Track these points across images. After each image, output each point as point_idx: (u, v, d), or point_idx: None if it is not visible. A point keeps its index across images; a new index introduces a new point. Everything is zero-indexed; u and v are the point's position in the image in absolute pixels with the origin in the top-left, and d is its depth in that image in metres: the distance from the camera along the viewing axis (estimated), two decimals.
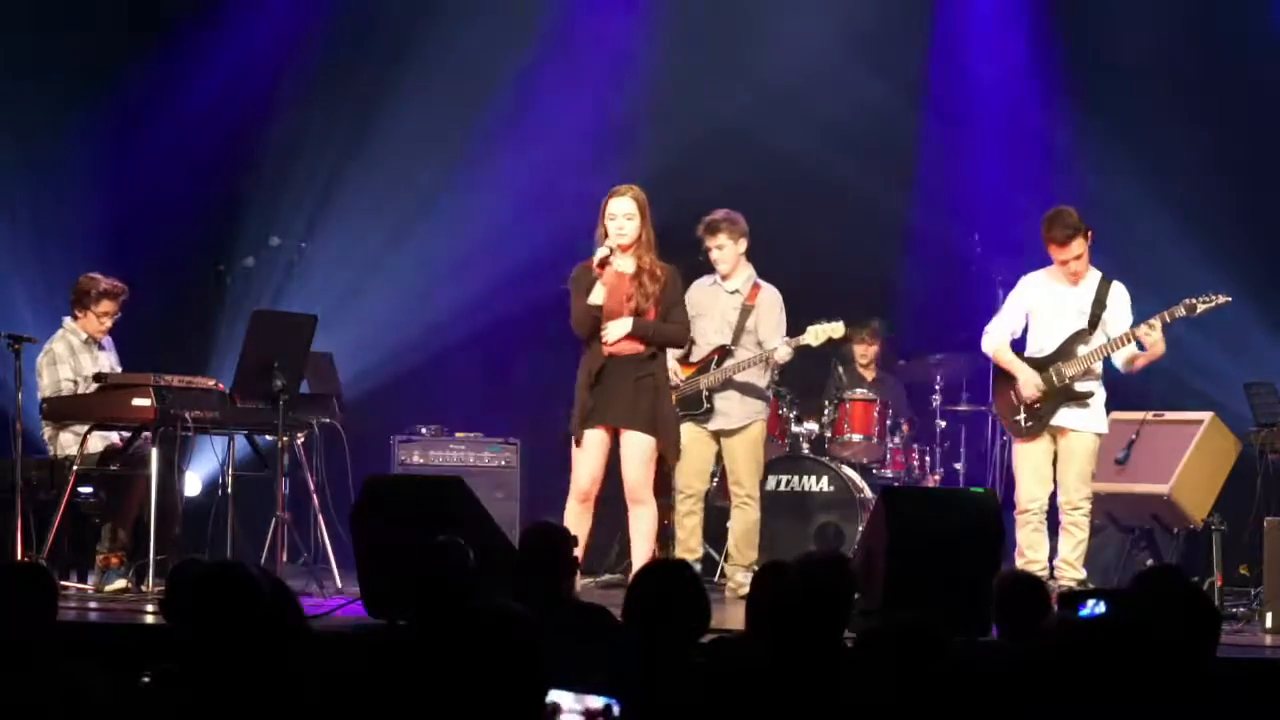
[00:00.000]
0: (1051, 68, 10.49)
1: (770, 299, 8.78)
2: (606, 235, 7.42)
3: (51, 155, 10.27)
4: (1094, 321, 7.93)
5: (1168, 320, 7.77)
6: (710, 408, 8.63)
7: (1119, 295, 7.98)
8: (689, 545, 8.66)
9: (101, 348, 8.58)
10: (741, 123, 10.41)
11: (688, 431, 8.37)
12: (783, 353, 8.66)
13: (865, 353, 10.21)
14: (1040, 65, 10.53)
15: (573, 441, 7.56)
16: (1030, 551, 7.91)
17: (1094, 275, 8.02)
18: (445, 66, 10.52)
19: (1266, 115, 9.96)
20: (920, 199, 10.47)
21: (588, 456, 7.46)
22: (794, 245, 10.31)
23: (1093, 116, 10.29)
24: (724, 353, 8.70)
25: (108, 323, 8.52)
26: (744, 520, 8.67)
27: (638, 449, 7.42)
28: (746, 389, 8.68)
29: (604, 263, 7.40)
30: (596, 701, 3.36)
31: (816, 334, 8.69)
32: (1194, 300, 7.77)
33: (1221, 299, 7.78)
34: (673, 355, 8.39)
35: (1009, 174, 10.17)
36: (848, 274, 10.28)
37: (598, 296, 7.40)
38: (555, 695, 3.23)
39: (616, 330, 7.39)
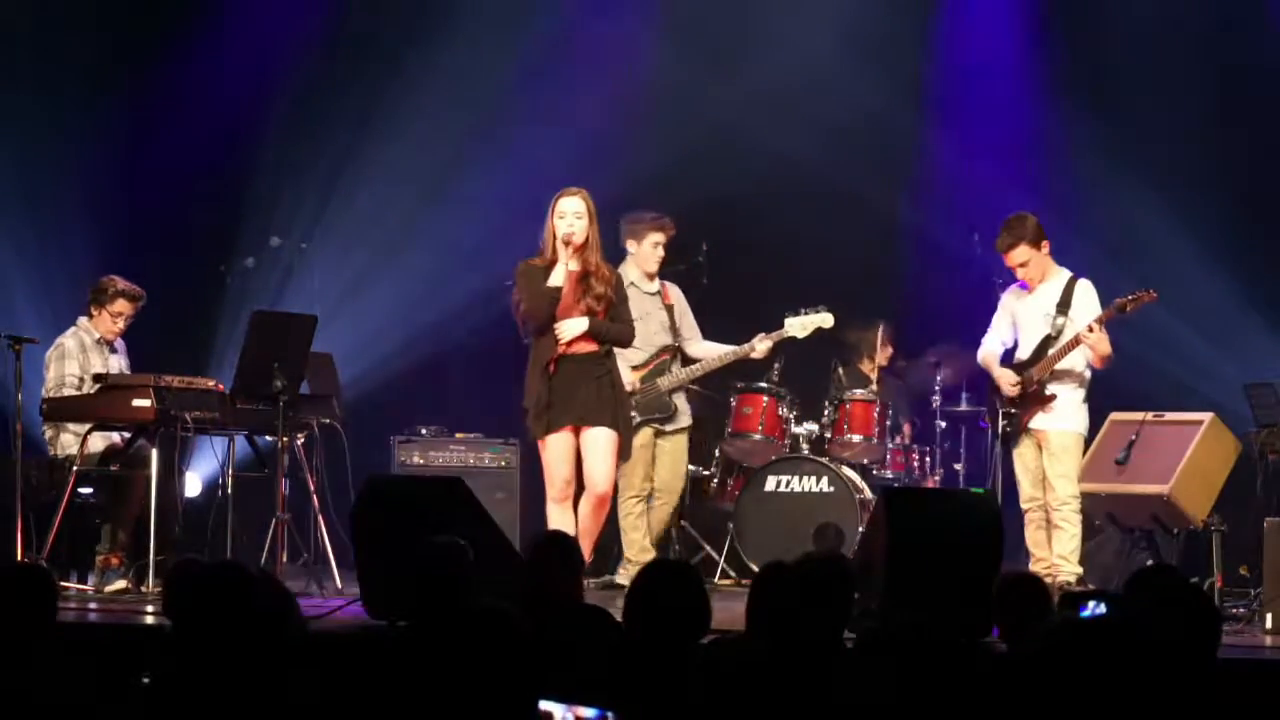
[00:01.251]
0: (1051, 68, 10.49)
1: (682, 297, 8.95)
2: (555, 235, 7.45)
3: (51, 157, 10.27)
4: (1059, 324, 8.12)
5: (1105, 318, 8.08)
6: (676, 409, 8.76)
7: (1083, 293, 8.22)
8: (644, 545, 8.67)
9: (114, 350, 8.61)
10: (741, 125, 10.41)
11: (638, 435, 8.38)
12: (761, 348, 8.76)
13: (886, 355, 10.17)
14: (1040, 65, 10.53)
15: (539, 443, 7.57)
16: (1036, 550, 8.18)
17: (1062, 277, 8.29)
18: (445, 67, 10.52)
19: (1267, 115, 9.96)
20: (920, 199, 10.46)
21: (560, 460, 7.48)
22: (794, 246, 10.32)
23: (1092, 117, 10.29)
24: (674, 354, 8.80)
25: (121, 324, 8.56)
26: (671, 517, 8.81)
27: (603, 442, 7.45)
28: (685, 390, 8.85)
29: (567, 240, 7.40)
30: (588, 712, 3.35)
31: (803, 325, 8.72)
32: (1123, 300, 8.08)
33: (1148, 295, 8.08)
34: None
35: (1009, 174, 10.16)
36: (848, 275, 10.28)
37: (558, 278, 7.42)
38: (546, 706, 3.22)
39: (572, 329, 7.41)
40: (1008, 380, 8.23)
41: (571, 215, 7.44)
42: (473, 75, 10.59)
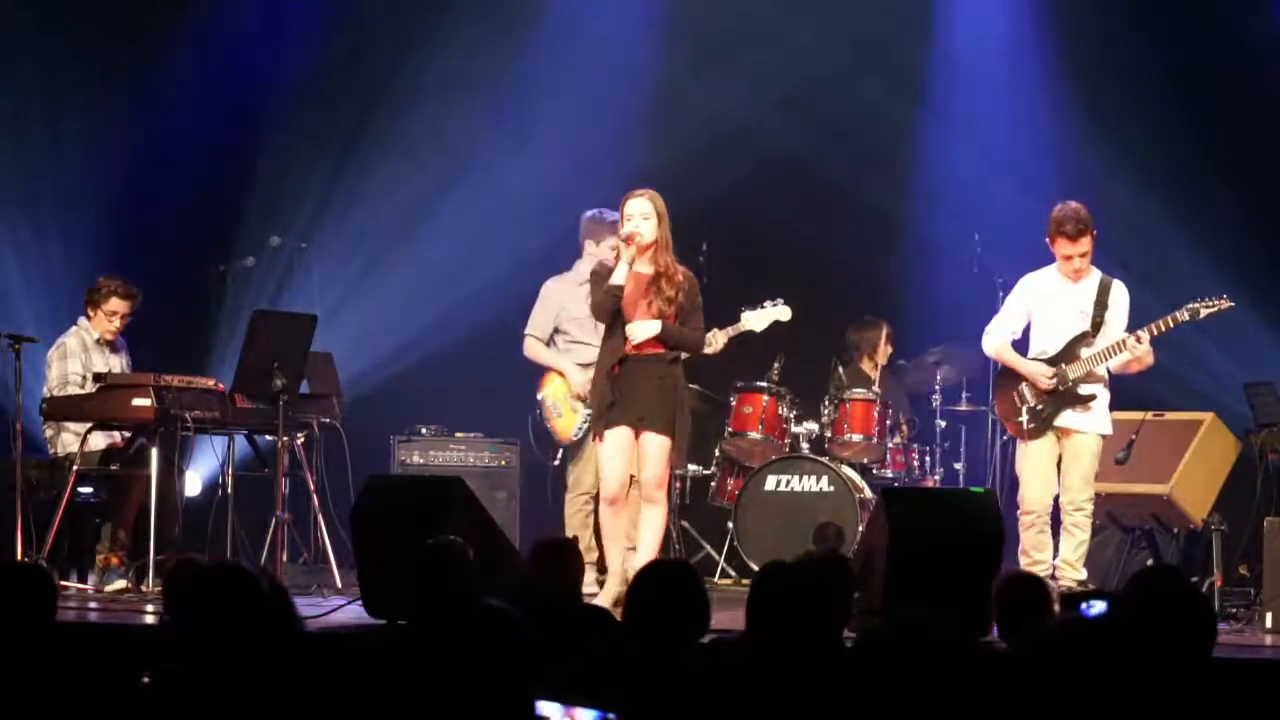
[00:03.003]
0: (1052, 67, 10.48)
1: None
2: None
3: (51, 156, 10.27)
4: (1097, 322, 7.93)
5: (1166, 328, 7.79)
6: None
7: (1119, 296, 7.98)
8: (590, 545, 8.57)
9: (114, 349, 8.62)
10: (741, 123, 10.41)
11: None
12: (717, 344, 8.66)
13: (887, 351, 10.14)
14: (1040, 64, 10.52)
15: (597, 441, 7.54)
16: (1035, 553, 7.91)
17: (1095, 274, 8.02)
18: (445, 67, 10.52)
19: (1268, 114, 9.96)
20: (920, 199, 10.46)
21: (615, 457, 7.42)
22: (793, 245, 10.32)
23: (1093, 116, 10.28)
24: None
25: (118, 323, 8.57)
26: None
27: (657, 448, 7.41)
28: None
29: (629, 239, 7.37)
30: (587, 715, 3.35)
31: (759, 319, 8.60)
32: (1197, 305, 7.76)
33: (1225, 303, 7.78)
34: None
35: (1009, 174, 10.16)
36: (848, 274, 10.28)
37: (619, 277, 7.39)
38: (544, 708, 3.21)
39: (643, 331, 7.38)
40: (1044, 375, 7.91)
41: (638, 216, 7.41)
42: (473, 76, 10.59)
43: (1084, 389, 7.87)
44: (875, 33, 10.42)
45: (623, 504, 7.51)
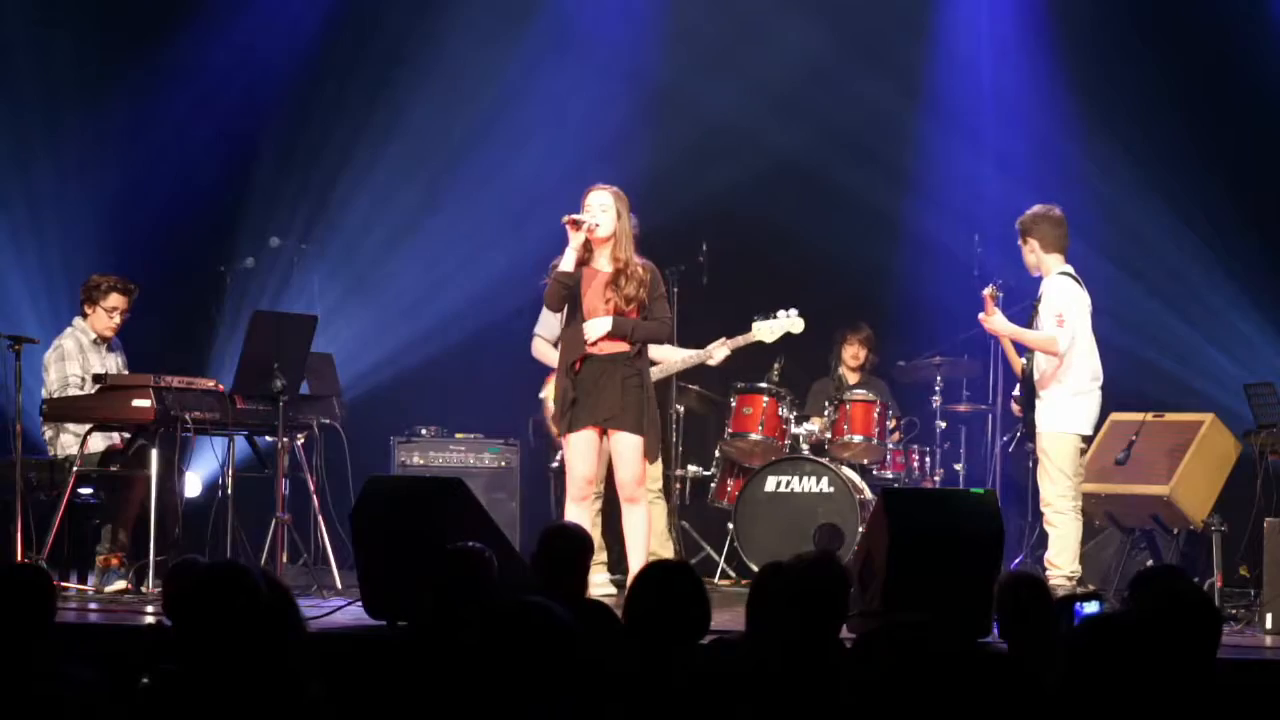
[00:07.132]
0: (1051, 67, 10.48)
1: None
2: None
3: (51, 156, 10.28)
4: (1033, 322, 8.04)
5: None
6: None
7: (1046, 291, 8.05)
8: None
9: (111, 349, 8.60)
10: (741, 123, 10.41)
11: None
12: (719, 355, 8.64)
13: (856, 355, 10.12)
14: (1040, 64, 10.52)
15: (561, 439, 7.55)
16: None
17: (1052, 275, 8.09)
18: (445, 67, 10.52)
19: (1268, 115, 9.95)
20: (920, 199, 10.46)
21: (581, 458, 7.44)
22: (793, 245, 10.31)
23: (1093, 116, 10.28)
24: None
25: (117, 319, 8.54)
26: (662, 516, 8.77)
27: (630, 449, 7.41)
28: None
29: (575, 223, 7.38)
30: None
31: (772, 330, 8.59)
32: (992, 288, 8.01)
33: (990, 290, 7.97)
34: None
35: (1009, 174, 10.16)
36: (847, 274, 10.28)
37: (568, 263, 7.40)
38: None
39: (596, 329, 7.38)
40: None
41: (597, 208, 7.44)
42: (473, 75, 10.59)
43: (1039, 390, 8.00)
44: (875, 33, 10.42)
45: (589, 502, 7.53)
